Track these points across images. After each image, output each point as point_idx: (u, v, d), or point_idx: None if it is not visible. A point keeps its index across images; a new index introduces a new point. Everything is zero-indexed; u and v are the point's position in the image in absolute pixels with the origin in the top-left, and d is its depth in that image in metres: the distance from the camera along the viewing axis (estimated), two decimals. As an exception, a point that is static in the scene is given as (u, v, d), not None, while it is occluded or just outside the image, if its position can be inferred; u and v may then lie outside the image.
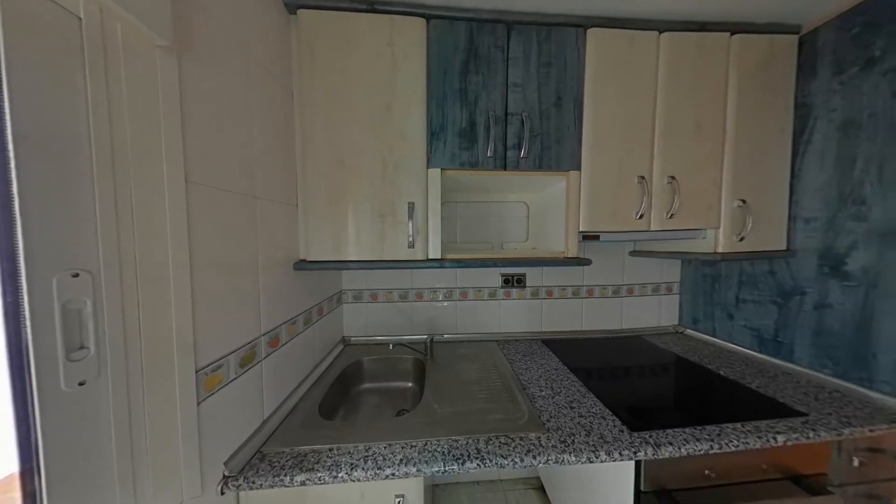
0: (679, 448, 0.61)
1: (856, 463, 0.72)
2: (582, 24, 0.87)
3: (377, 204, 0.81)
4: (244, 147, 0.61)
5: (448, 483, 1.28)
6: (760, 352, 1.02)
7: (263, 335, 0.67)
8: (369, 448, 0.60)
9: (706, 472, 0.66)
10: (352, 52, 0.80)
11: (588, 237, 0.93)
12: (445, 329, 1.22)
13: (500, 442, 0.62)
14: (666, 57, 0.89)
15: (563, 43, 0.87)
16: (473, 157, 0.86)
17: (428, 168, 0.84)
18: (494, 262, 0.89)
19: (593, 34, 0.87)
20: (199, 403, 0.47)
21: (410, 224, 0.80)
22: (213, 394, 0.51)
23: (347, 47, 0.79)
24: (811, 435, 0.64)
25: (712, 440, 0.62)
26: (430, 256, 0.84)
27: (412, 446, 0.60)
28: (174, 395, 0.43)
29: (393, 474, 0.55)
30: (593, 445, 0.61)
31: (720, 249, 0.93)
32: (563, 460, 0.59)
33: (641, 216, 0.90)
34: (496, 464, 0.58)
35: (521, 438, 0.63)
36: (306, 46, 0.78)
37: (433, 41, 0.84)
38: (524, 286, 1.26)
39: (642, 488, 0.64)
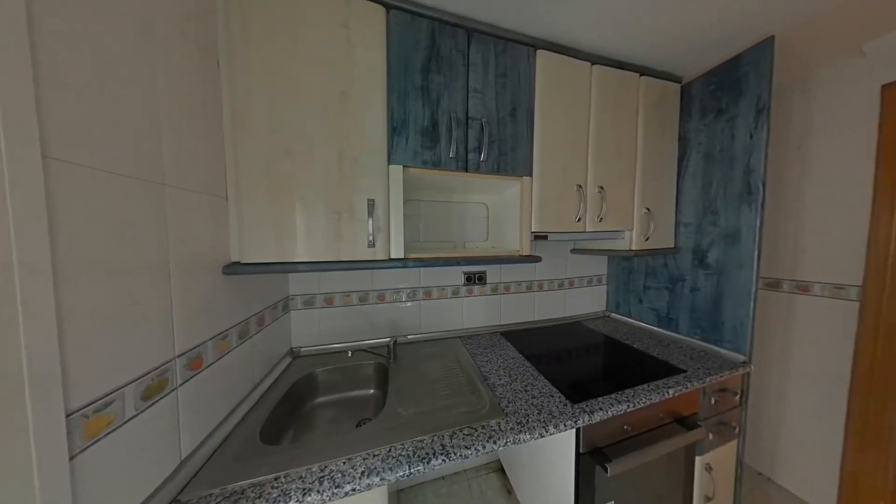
0: (607, 412, 0.69)
1: (713, 401, 0.91)
2: (532, 45, 0.89)
3: (333, 200, 0.69)
4: (143, 117, 0.45)
5: (413, 485, 1.20)
6: (659, 327, 1.23)
7: (179, 356, 0.51)
8: (325, 467, 0.51)
9: (625, 427, 0.76)
10: (299, 25, 0.65)
11: (538, 237, 0.96)
12: (409, 329, 1.12)
13: (463, 434, 0.59)
14: (596, 85, 0.98)
15: (517, 58, 0.88)
16: (436, 156, 0.80)
17: (389, 164, 0.75)
18: (458, 262, 0.85)
19: (542, 55, 0.90)
20: (72, 457, 0.31)
21: (371, 222, 0.70)
22: (96, 441, 0.35)
23: (292, 17, 0.65)
24: (689, 385, 0.80)
25: (629, 401, 0.73)
26: (393, 256, 0.76)
27: (375, 455, 0.53)
28: (27, 451, 0.28)
29: (354, 490, 0.48)
30: (544, 422, 0.64)
31: (633, 247, 1.08)
32: (519, 440, 0.60)
33: (580, 219, 0.98)
34: (461, 455, 0.55)
35: (484, 427, 0.62)
36: (236, 4, 0.61)
37: (394, 33, 0.77)
38: (485, 283, 1.25)
39: (581, 450, 0.71)
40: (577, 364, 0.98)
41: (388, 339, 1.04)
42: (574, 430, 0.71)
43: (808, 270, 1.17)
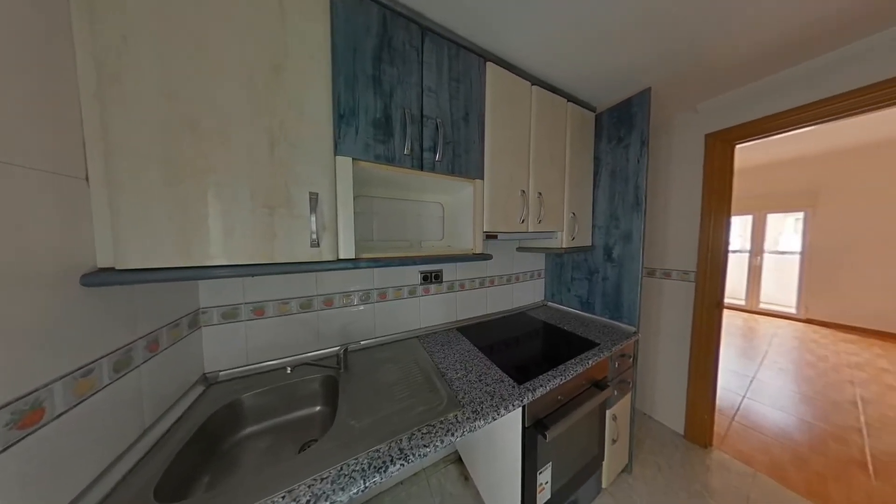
0: (546, 387, 0.74)
1: (616, 365, 1.07)
2: (483, 56, 0.89)
3: (263, 190, 0.54)
4: None
5: (369, 499, 1.09)
6: (582, 310, 1.41)
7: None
8: (254, 512, 0.37)
9: (559, 397, 0.83)
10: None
11: (489, 236, 0.96)
12: (363, 334, 1.00)
13: (422, 434, 0.55)
14: (535, 103, 1.04)
15: (469, 65, 0.86)
16: (390, 151, 0.72)
17: (336, 155, 0.63)
18: (414, 261, 0.78)
19: (491, 67, 0.90)
20: None
21: (314, 219, 0.58)
22: None
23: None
24: (602, 355, 0.95)
25: (562, 375, 0.80)
26: (342, 256, 0.65)
27: (323, 478, 0.45)
28: None
29: (296, 530, 0.35)
30: (496, 406, 0.65)
31: (563, 245, 1.20)
32: (475, 427, 0.58)
33: (523, 221, 1.03)
34: (420, 455, 0.50)
35: (442, 422, 0.59)
36: None
37: (339, 9, 0.65)
38: (441, 281, 1.21)
39: (525, 425, 0.75)
40: (522, 349, 1.02)
41: (337, 348, 0.92)
42: (520, 408, 0.75)
43: (670, 261, 1.52)
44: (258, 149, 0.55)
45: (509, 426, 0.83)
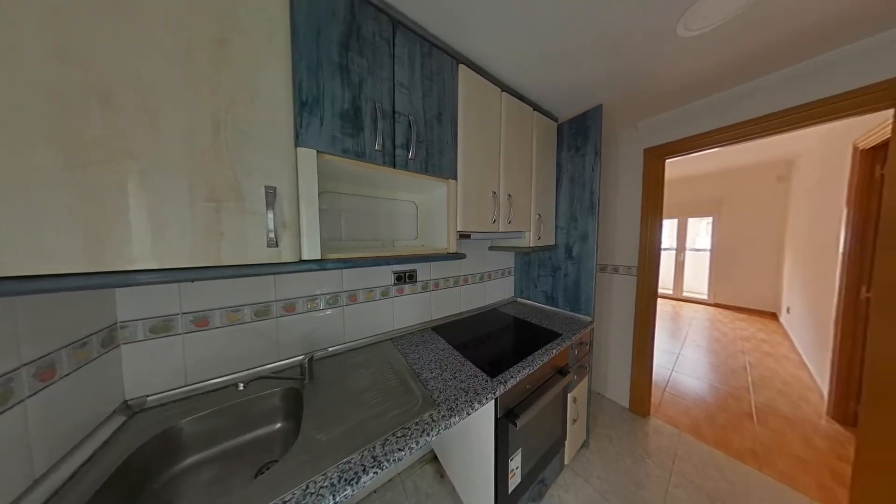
0: (516, 378, 0.78)
1: (576, 352, 1.21)
2: (456, 58, 0.89)
3: (204, 181, 0.47)
4: None
5: None
6: (547, 304, 1.51)
7: None
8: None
9: (527, 386, 0.88)
10: None
11: (463, 236, 0.97)
12: (331, 340, 0.92)
13: (396, 437, 0.54)
14: (505, 109, 1.08)
15: (442, 65, 0.85)
16: (360, 146, 0.68)
17: (298, 146, 0.57)
18: (387, 261, 0.75)
19: (463, 70, 0.91)
20: None
21: (271, 215, 0.52)
22: None
23: None
24: (564, 344, 1.03)
25: (530, 365, 0.85)
26: (307, 257, 0.59)
27: (286, 501, 0.41)
28: None
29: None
30: (470, 400, 0.66)
31: (531, 245, 1.27)
32: (450, 424, 0.59)
33: (495, 221, 1.06)
34: (395, 460, 0.49)
35: (417, 423, 0.58)
36: None
37: None
38: (415, 281, 1.19)
39: (498, 416, 0.77)
40: (494, 344, 1.06)
41: (301, 357, 0.84)
42: (493, 401, 0.77)
43: (618, 258, 1.73)
44: (198, 133, 0.48)
45: (483, 419, 0.85)
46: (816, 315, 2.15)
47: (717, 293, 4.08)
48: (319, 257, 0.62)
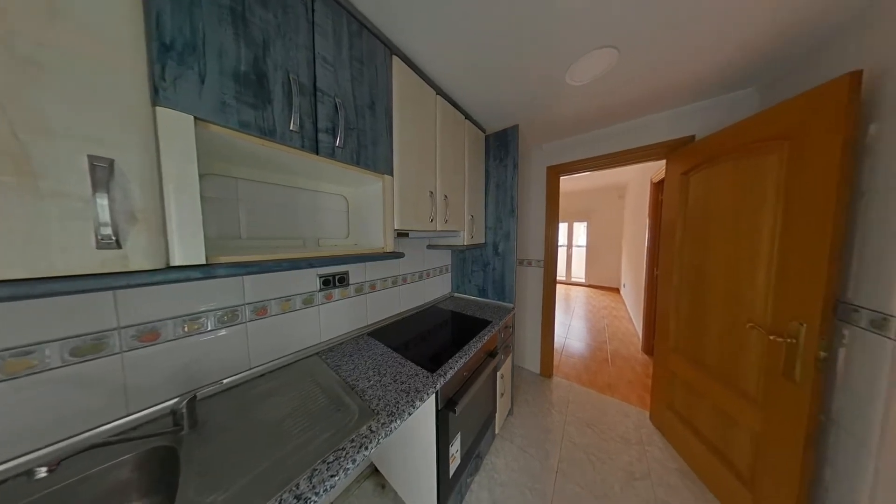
0: (454, 368, 0.83)
1: (502, 335, 1.41)
2: (389, 47, 0.84)
3: None
4: None
5: None
6: (479, 297, 1.67)
7: None
8: None
9: (464, 374, 0.95)
10: None
11: (401, 234, 0.95)
12: (228, 369, 0.71)
13: (328, 464, 0.47)
14: (440, 112, 1.10)
15: (374, 51, 0.79)
16: (266, 121, 0.54)
17: (158, 105, 0.41)
18: (311, 262, 0.63)
19: (398, 63, 0.87)
20: None
21: (104, 201, 0.35)
22: None
23: None
24: (493, 330, 1.16)
25: (466, 354, 0.92)
26: (180, 262, 0.43)
27: None
28: None
29: None
30: (411, 400, 0.65)
31: (465, 243, 1.37)
32: (392, 430, 0.56)
33: (433, 220, 1.08)
34: (326, 489, 0.43)
35: (353, 440, 0.53)
36: None
37: None
38: (347, 284, 1.07)
39: (439, 407, 0.80)
40: (434, 340, 1.08)
41: (173, 402, 0.61)
42: (434, 394, 0.79)
43: (531, 253, 2.09)
44: None
45: (424, 414, 0.86)
46: (636, 287, 3.28)
47: (590, 277, 5.66)
48: (204, 262, 0.46)
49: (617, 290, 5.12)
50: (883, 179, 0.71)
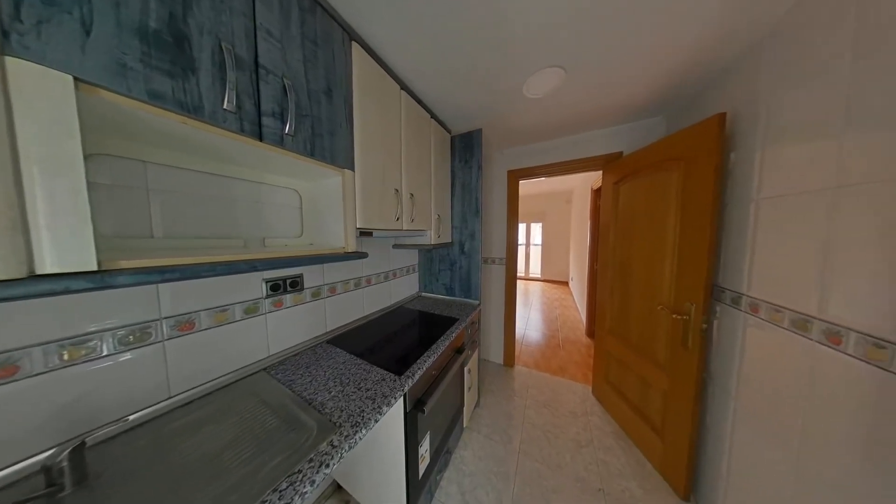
0: (423, 368, 0.82)
1: (469, 331, 1.50)
2: (348, 31, 0.78)
3: None
4: None
5: None
6: (447, 295, 1.69)
7: None
8: None
9: (433, 372, 0.94)
10: None
11: (364, 233, 0.89)
12: (135, 403, 0.57)
13: (280, 491, 0.42)
14: (404, 109, 1.07)
15: (330, 34, 0.72)
16: (189, 95, 0.44)
17: (6, 55, 0.29)
18: (254, 265, 0.54)
19: (358, 51, 0.81)
20: None
21: None
22: None
23: None
24: (460, 327, 1.20)
25: (434, 353, 0.92)
26: (54, 269, 0.32)
27: None
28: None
29: None
30: (378, 406, 0.62)
31: (432, 242, 1.36)
32: (356, 441, 0.54)
33: (398, 218, 1.04)
34: None
35: (312, 459, 0.48)
36: None
37: None
38: (301, 288, 0.96)
39: (407, 409, 0.79)
40: (402, 341, 1.05)
41: (48, 454, 0.46)
42: (402, 397, 0.77)
43: (494, 252, 2.20)
44: None
45: (392, 418, 0.84)
46: (581, 280, 3.77)
47: (545, 272, 6.28)
48: (95, 268, 0.36)
49: (566, 284, 5.80)
50: (737, 195, 0.95)
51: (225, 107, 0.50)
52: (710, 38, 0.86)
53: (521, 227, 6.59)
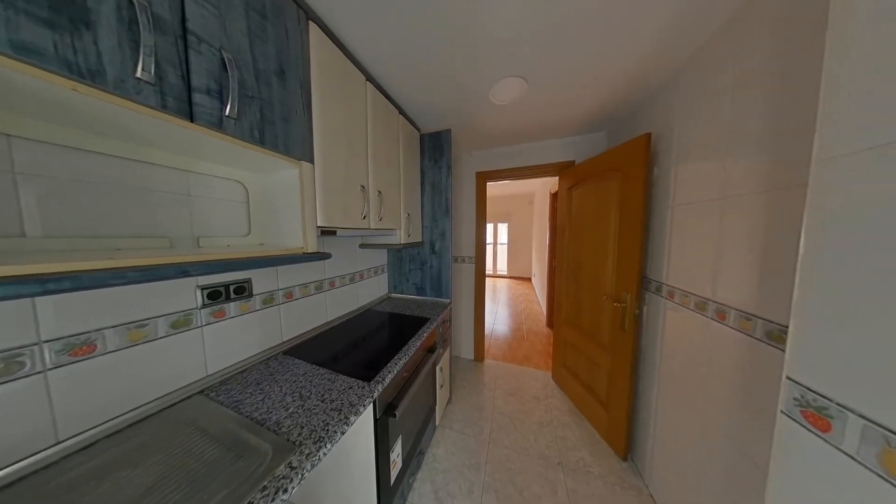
0: (393, 371, 0.80)
1: (441, 330, 1.53)
2: (303, 9, 0.70)
3: None
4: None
5: None
6: (418, 295, 1.67)
7: None
8: None
9: (404, 374, 0.94)
10: None
11: (326, 232, 0.83)
12: (1, 457, 0.44)
13: None
14: (370, 102, 1.02)
15: (283, 8, 0.64)
16: (81, 55, 0.34)
17: None
18: (185, 269, 0.45)
19: (316, 32, 0.74)
20: None
21: None
22: None
23: None
24: (432, 326, 1.20)
25: (406, 354, 0.91)
26: None
27: None
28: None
29: None
30: (344, 417, 0.59)
31: (402, 242, 1.33)
32: (320, 458, 0.50)
33: (365, 217, 0.99)
34: None
35: (266, 487, 0.43)
36: None
37: None
38: (249, 295, 0.83)
39: (377, 416, 0.76)
40: (370, 346, 1.01)
41: None
42: (371, 404, 0.74)
43: (464, 251, 2.25)
44: None
45: (360, 427, 0.79)
46: (542, 276, 4.12)
47: (511, 269, 6.69)
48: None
49: (530, 280, 6.27)
50: (659, 201, 1.15)
51: (139, 75, 0.41)
52: (638, 70, 1.03)
53: (489, 227, 6.89)
